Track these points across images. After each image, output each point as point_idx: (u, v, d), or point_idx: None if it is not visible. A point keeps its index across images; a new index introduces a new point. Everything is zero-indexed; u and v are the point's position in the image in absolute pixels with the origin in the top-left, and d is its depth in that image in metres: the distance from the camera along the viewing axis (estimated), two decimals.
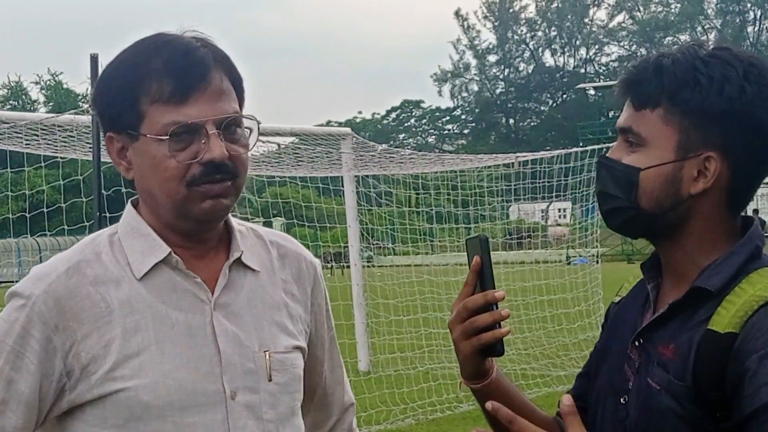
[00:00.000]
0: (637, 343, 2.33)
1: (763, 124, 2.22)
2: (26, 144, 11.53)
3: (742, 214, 2.36)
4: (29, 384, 2.33)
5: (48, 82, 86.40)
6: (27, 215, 11.79)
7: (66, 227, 11.43)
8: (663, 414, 2.20)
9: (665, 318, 2.28)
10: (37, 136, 11.18)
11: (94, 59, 8.01)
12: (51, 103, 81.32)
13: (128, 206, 2.50)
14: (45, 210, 11.41)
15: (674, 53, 2.27)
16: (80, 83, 78.31)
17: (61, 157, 11.89)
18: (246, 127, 2.42)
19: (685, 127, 2.23)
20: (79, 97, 71.75)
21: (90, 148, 8.85)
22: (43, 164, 12.11)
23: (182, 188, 2.32)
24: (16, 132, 10.85)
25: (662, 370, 2.22)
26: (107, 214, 8.93)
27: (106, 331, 2.33)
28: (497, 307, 2.32)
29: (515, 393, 2.52)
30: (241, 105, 2.42)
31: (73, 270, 2.39)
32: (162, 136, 2.30)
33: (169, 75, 2.31)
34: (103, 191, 8.34)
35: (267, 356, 2.45)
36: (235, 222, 2.56)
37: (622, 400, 2.33)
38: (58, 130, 10.88)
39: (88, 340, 2.32)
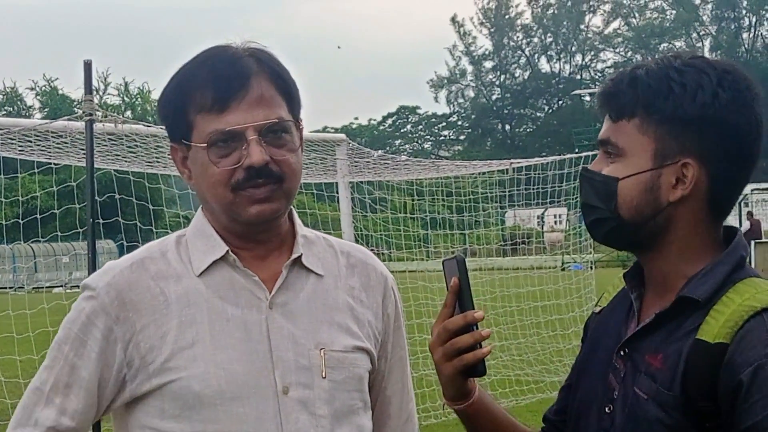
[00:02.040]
0: (622, 353, 2.33)
1: (739, 129, 2.23)
2: (20, 150, 11.53)
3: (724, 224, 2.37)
4: (90, 371, 2.47)
5: (43, 88, 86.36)
6: (20, 221, 11.79)
7: (59, 233, 11.46)
8: (650, 423, 2.20)
9: (652, 327, 2.28)
10: (31, 142, 11.17)
11: (87, 65, 8.02)
12: (46, 109, 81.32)
13: (199, 209, 2.62)
14: (39, 216, 11.41)
15: (649, 64, 2.29)
16: (75, 89, 78.33)
17: (54, 163, 11.89)
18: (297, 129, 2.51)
19: (661, 136, 2.24)
20: (75, 103, 71.70)
21: (84, 154, 8.83)
22: (36, 170, 12.13)
23: (228, 193, 2.44)
24: (10, 138, 10.84)
25: (650, 380, 2.22)
26: (101, 221, 8.94)
27: (163, 322, 2.46)
28: (477, 328, 2.31)
29: (498, 411, 2.52)
30: (293, 111, 2.51)
31: (137, 265, 2.54)
32: (204, 144, 2.42)
33: (210, 85, 2.42)
34: (96, 197, 8.33)
35: (322, 353, 2.51)
36: (305, 230, 2.65)
37: (606, 409, 2.33)
38: (52, 136, 10.88)
39: (146, 331, 2.46)
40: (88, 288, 2.53)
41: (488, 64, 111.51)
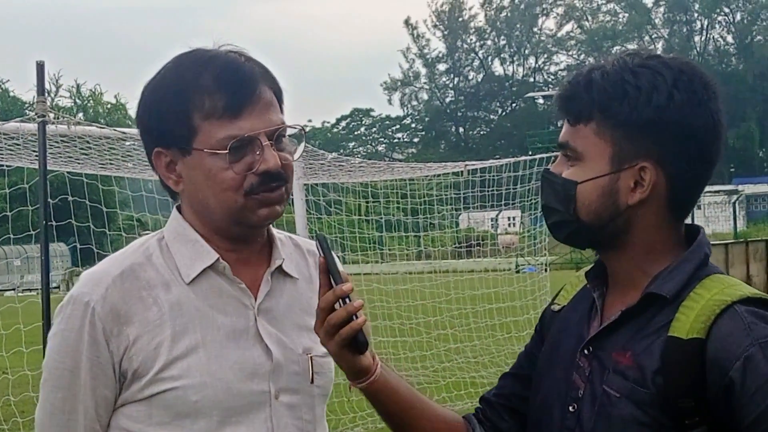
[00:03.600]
0: (586, 351, 2.33)
1: (695, 130, 2.23)
2: None
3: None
4: (110, 388, 2.45)
5: None
6: None
7: (12, 236, 11.36)
8: (624, 421, 2.20)
9: (617, 325, 2.28)
10: None
11: (40, 66, 7.96)
12: None
13: (174, 212, 2.59)
14: None
15: (605, 66, 2.29)
16: (27, 91, 77.78)
17: (6, 166, 11.78)
18: (290, 135, 2.53)
19: (618, 140, 2.24)
20: (26, 105, 71.15)
21: (36, 156, 8.75)
22: None
23: (240, 197, 2.42)
24: None
25: (620, 378, 2.22)
26: (53, 223, 8.86)
27: (156, 333, 2.43)
28: (350, 300, 2.31)
29: (404, 389, 2.50)
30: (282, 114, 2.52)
31: (127, 274, 2.48)
32: (219, 150, 2.39)
33: (220, 90, 2.40)
34: (49, 200, 8.26)
35: (310, 359, 2.53)
36: (275, 231, 2.65)
37: (570, 408, 2.32)
38: (4, 138, 10.76)
39: (138, 343, 2.43)
40: (79, 303, 2.45)
41: (442, 67, 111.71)
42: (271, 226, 2.62)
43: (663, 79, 2.23)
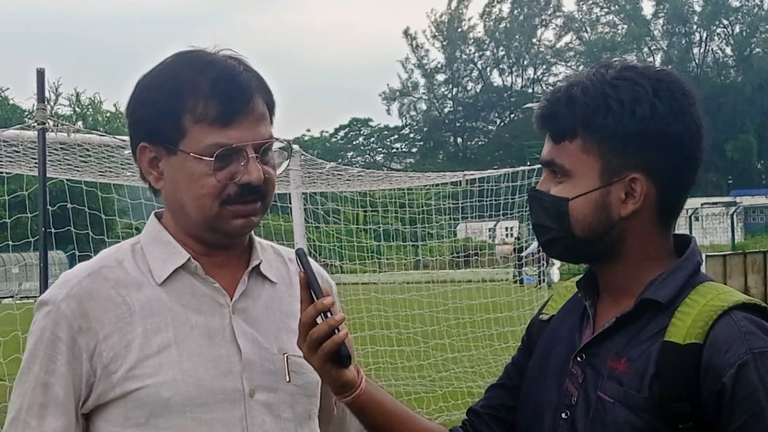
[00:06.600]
0: (579, 359, 2.34)
1: (681, 137, 2.26)
2: None
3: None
4: (63, 386, 2.45)
5: None
6: None
7: (11, 243, 11.35)
8: (618, 427, 2.22)
9: (611, 331, 2.30)
10: None
11: (40, 74, 7.95)
12: None
13: (151, 217, 2.61)
14: None
15: (583, 81, 2.30)
16: (26, 99, 77.64)
17: (6, 173, 11.79)
18: (280, 148, 2.55)
19: (605, 153, 2.27)
20: (26, 113, 71.06)
21: (35, 163, 8.76)
22: None
23: (215, 206, 2.44)
24: None
25: (615, 384, 2.24)
26: (52, 230, 8.86)
27: (127, 331, 2.44)
28: (332, 314, 2.32)
29: (390, 404, 2.52)
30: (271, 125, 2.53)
31: (95, 275, 2.50)
32: (205, 156, 2.40)
33: (215, 97, 2.41)
34: (48, 207, 8.26)
35: (285, 358, 2.53)
36: (256, 238, 2.66)
37: (563, 415, 2.33)
38: (3, 145, 10.77)
39: (109, 340, 2.43)
40: (46, 304, 2.48)
41: (440, 77, 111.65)
42: (252, 232, 2.63)
43: (643, 89, 2.26)
